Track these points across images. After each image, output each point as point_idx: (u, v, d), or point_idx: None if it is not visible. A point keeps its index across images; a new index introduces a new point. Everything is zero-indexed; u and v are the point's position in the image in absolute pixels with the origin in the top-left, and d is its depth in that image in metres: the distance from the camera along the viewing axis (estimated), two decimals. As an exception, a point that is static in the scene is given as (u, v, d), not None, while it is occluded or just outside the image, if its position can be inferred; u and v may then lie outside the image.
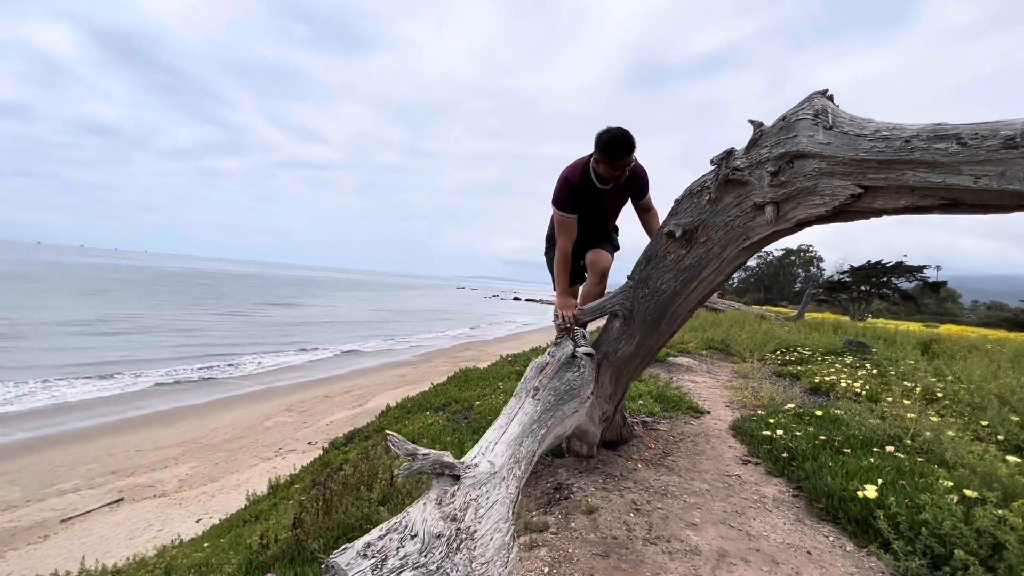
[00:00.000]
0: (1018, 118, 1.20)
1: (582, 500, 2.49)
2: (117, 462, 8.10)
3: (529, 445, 1.60)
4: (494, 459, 1.38)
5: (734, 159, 1.86)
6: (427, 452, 1.18)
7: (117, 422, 10.15)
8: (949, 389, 4.74)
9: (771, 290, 57.83)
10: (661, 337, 2.41)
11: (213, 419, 10.81)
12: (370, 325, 30.28)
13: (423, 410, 5.83)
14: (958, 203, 1.36)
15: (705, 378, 6.16)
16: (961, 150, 1.25)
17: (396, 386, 13.62)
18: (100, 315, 23.76)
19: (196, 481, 7.46)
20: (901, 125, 1.41)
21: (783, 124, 1.70)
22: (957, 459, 2.66)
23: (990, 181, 1.22)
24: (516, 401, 1.86)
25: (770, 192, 1.74)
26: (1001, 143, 1.19)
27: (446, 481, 1.21)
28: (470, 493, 1.19)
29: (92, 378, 12.76)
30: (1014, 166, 1.18)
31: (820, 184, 1.60)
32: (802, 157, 1.63)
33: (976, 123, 1.26)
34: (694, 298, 2.22)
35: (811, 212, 1.67)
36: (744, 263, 2.07)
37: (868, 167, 1.46)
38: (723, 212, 1.97)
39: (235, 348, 18.35)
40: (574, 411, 2.06)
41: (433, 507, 1.11)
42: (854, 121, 1.52)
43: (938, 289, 31.62)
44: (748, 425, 3.77)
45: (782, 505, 2.68)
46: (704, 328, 10.66)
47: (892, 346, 8.21)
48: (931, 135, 1.31)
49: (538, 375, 2.03)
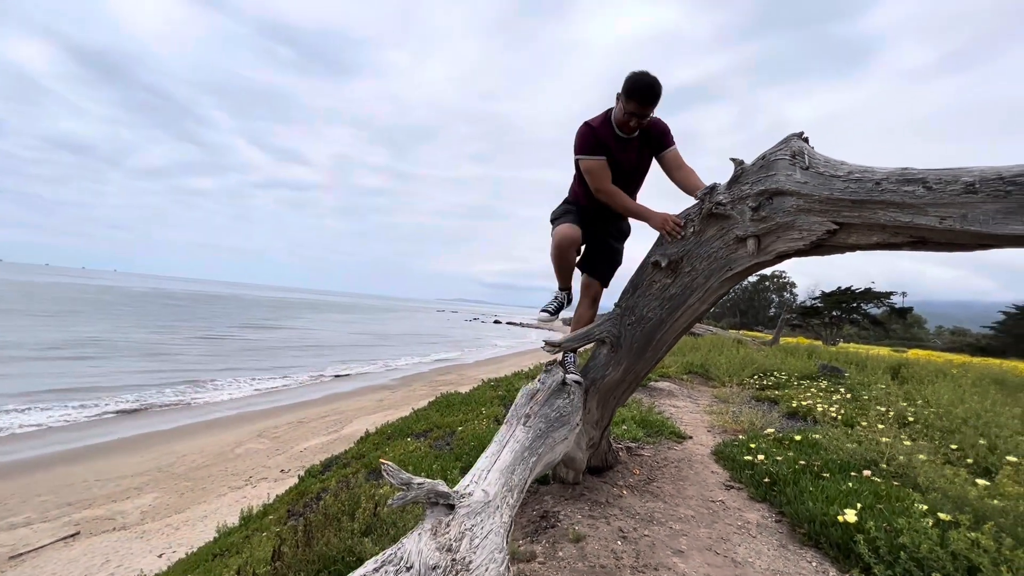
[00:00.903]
0: (976, 166, 1.30)
1: (569, 528, 2.47)
2: (74, 493, 7.65)
3: (521, 473, 1.60)
4: (488, 488, 1.37)
5: (717, 194, 1.95)
6: (422, 481, 1.18)
7: (76, 450, 9.63)
8: (920, 413, 4.89)
9: (747, 315, 59.08)
10: (647, 364, 2.45)
11: (180, 446, 10.36)
12: (348, 348, 29.71)
13: (403, 436, 5.72)
14: (926, 241, 1.45)
15: (686, 403, 6.22)
16: (927, 193, 1.35)
17: (374, 411, 13.31)
18: (62, 337, 22.78)
19: (160, 512, 7.08)
20: (872, 168, 1.51)
21: (763, 163, 1.80)
22: (929, 483, 2.74)
23: (954, 222, 1.32)
24: (507, 428, 1.86)
25: (751, 226, 1.83)
26: (962, 188, 1.29)
27: (440, 511, 1.20)
28: (465, 523, 1.19)
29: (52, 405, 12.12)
30: (974, 209, 1.28)
31: (798, 220, 1.69)
32: (781, 194, 1.73)
33: (940, 169, 1.36)
34: (679, 326, 2.27)
35: (790, 246, 1.75)
36: (727, 293, 2.14)
37: (842, 206, 1.56)
38: (707, 244, 2.05)
39: (205, 372, 17.76)
40: (564, 438, 2.06)
41: (428, 538, 1.10)
42: (829, 163, 1.62)
43: (905, 315, 32.81)
44: (730, 450, 3.81)
45: (765, 531, 2.71)
46: (684, 352, 10.80)
47: (864, 371, 8.45)
48: (899, 178, 1.41)
49: (529, 402, 2.04)
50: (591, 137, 2.50)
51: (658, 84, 2.30)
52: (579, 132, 2.55)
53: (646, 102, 2.32)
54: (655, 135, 2.56)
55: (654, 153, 2.61)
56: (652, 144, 2.58)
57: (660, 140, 2.57)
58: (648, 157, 2.64)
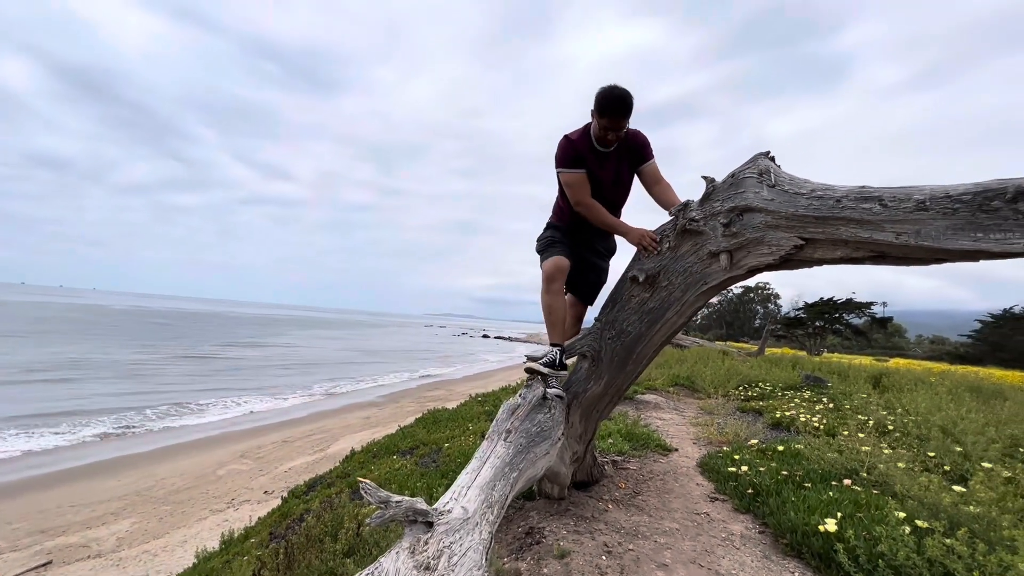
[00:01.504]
0: (927, 185, 1.38)
1: (554, 544, 2.47)
2: (47, 520, 7.38)
3: (502, 489, 1.60)
4: (467, 504, 1.38)
5: (690, 210, 2.01)
6: (400, 499, 1.18)
7: (50, 475, 9.31)
8: (899, 422, 4.98)
9: (732, 326, 59.73)
10: (628, 377, 2.48)
11: (159, 468, 10.07)
12: (334, 365, 29.32)
13: (389, 454, 5.66)
14: (885, 255, 1.51)
15: (672, 415, 6.26)
16: (883, 210, 1.41)
17: (361, 428, 13.11)
18: (37, 359, 22.14)
19: (137, 538, 6.86)
20: (833, 186, 1.58)
21: (732, 181, 1.87)
22: (905, 491, 2.79)
23: (908, 238, 1.38)
24: (488, 444, 1.86)
25: (724, 241, 1.89)
26: (914, 205, 1.36)
27: (419, 528, 1.20)
28: (443, 540, 1.19)
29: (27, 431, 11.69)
30: (927, 225, 1.35)
31: (767, 236, 1.76)
32: (750, 211, 1.79)
33: (894, 187, 1.43)
34: (658, 339, 2.31)
35: (761, 260, 1.81)
36: (703, 306, 2.19)
37: (807, 222, 1.62)
38: (682, 259, 2.10)
39: (187, 392, 17.38)
40: (545, 452, 2.07)
41: (406, 556, 1.10)
42: (793, 181, 1.69)
43: (885, 324, 33.44)
44: (714, 462, 3.84)
45: (749, 542, 2.72)
46: (670, 365, 10.87)
47: (846, 380, 8.58)
48: (858, 196, 1.48)
49: (510, 417, 2.05)
50: (570, 150, 2.52)
51: (628, 95, 2.33)
52: (559, 145, 2.57)
53: (619, 115, 2.35)
54: (634, 148, 2.57)
55: (634, 167, 2.63)
56: (632, 157, 2.59)
57: (640, 153, 2.58)
58: (628, 171, 2.64)
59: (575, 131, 2.58)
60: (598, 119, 2.39)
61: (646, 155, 2.59)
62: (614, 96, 2.32)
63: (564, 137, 2.57)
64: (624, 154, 2.58)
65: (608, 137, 2.43)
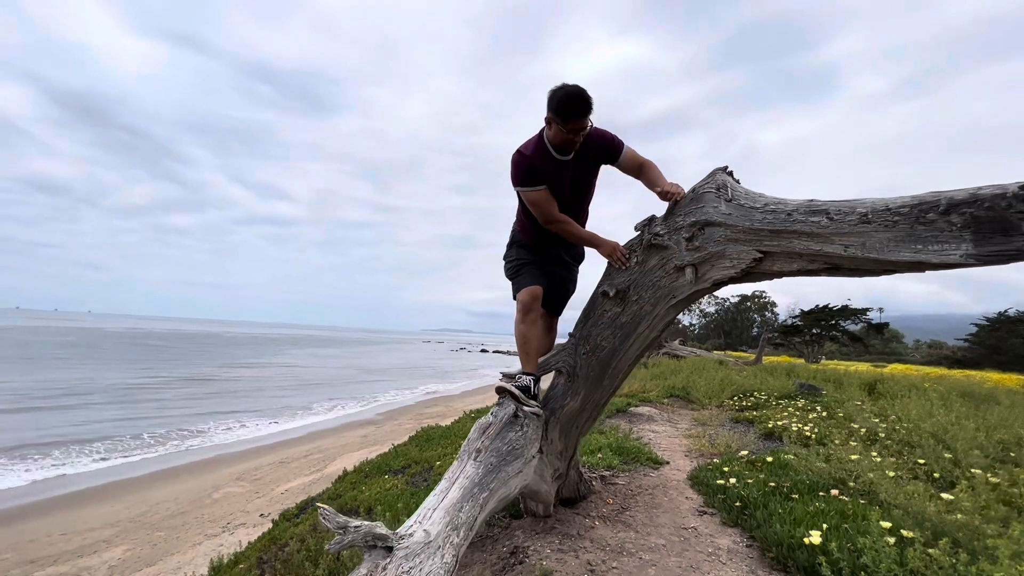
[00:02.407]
0: (870, 198, 1.40)
1: (537, 564, 2.44)
2: (37, 549, 7.24)
3: (470, 510, 1.59)
4: (430, 528, 1.37)
5: (655, 225, 2.04)
6: (359, 524, 1.17)
7: (40, 502, 9.16)
8: (890, 429, 4.96)
9: (731, 335, 59.70)
10: (605, 392, 2.48)
11: (154, 493, 9.93)
12: (332, 383, 29.11)
13: (381, 473, 5.61)
14: (838, 267, 1.54)
15: (665, 427, 6.23)
16: (830, 223, 1.44)
17: (359, 447, 12.96)
18: (27, 385, 21.92)
19: (130, 566, 6.72)
20: (785, 200, 1.61)
21: (693, 196, 1.89)
22: (890, 500, 2.77)
23: (855, 250, 1.41)
24: (458, 464, 1.85)
25: (688, 255, 1.91)
26: (858, 218, 1.39)
27: (378, 554, 1.19)
28: (402, 565, 1.18)
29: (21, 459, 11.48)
30: (870, 238, 1.37)
31: (728, 249, 1.78)
32: (711, 225, 1.82)
33: (840, 200, 1.46)
34: (632, 353, 2.32)
35: (724, 273, 1.83)
36: (674, 319, 2.21)
37: (763, 235, 1.65)
38: (650, 273, 2.12)
39: (182, 414, 17.20)
40: (518, 471, 2.06)
41: (362, 583, 1.09)
42: (749, 195, 1.72)
43: (882, 330, 33.52)
44: (704, 475, 3.82)
45: (736, 556, 2.70)
46: (665, 376, 10.84)
47: (841, 388, 8.57)
48: (807, 210, 1.50)
49: (480, 436, 2.04)
50: (525, 166, 2.37)
51: (583, 95, 2.17)
52: (513, 162, 2.40)
53: (582, 114, 2.20)
54: (596, 147, 2.40)
55: (607, 163, 2.48)
56: (596, 157, 2.44)
57: (607, 151, 2.42)
58: (588, 172, 2.49)
59: (528, 143, 2.40)
60: (560, 124, 2.22)
61: (615, 150, 2.42)
62: (574, 96, 2.16)
63: (517, 152, 2.39)
64: (583, 156, 2.41)
65: (576, 140, 2.28)
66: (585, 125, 2.24)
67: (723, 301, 64.36)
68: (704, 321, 65.90)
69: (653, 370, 12.68)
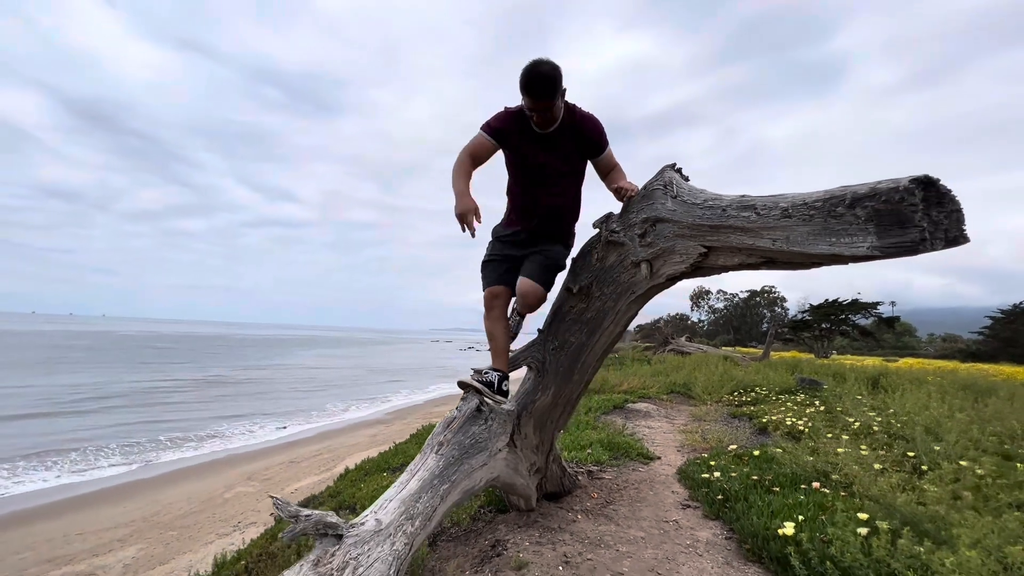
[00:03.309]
0: (790, 192, 1.44)
1: (514, 556, 2.50)
2: (54, 549, 7.42)
3: (428, 500, 1.65)
4: (383, 516, 1.43)
5: (611, 223, 2.08)
6: (309, 513, 1.24)
7: (56, 503, 9.39)
8: (885, 423, 4.95)
9: (740, 331, 59.23)
10: (576, 386, 2.53)
11: (166, 493, 10.12)
12: (342, 383, 29.38)
13: (380, 471, 5.70)
14: (774, 261, 1.58)
15: (662, 423, 6.25)
16: (758, 218, 1.48)
17: (368, 446, 13.08)
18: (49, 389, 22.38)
19: (143, 565, 6.87)
20: (720, 196, 1.65)
21: (644, 193, 1.94)
22: (863, 491, 2.79)
23: (782, 244, 1.45)
24: (420, 457, 1.92)
25: (642, 251, 1.96)
26: (780, 213, 1.42)
27: (328, 541, 1.25)
28: (350, 552, 1.24)
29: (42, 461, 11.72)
30: (793, 231, 1.41)
31: (677, 244, 1.83)
32: (661, 221, 1.87)
33: (765, 196, 1.50)
34: (599, 348, 2.37)
35: (675, 268, 1.88)
36: (636, 314, 2.25)
37: (704, 231, 1.69)
38: (611, 270, 2.18)
39: (194, 416, 17.47)
40: (483, 464, 2.12)
41: (308, 568, 1.16)
42: (692, 191, 1.76)
43: (892, 324, 33.08)
44: (691, 469, 3.85)
45: (714, 548, 2.74)
46: (667, 373, 10.84)
47: (842, 382, 8.52)
48: (739, 205, 1.54)
49: (444, 430, 2.11)
50: (493, 118, 2.36)
51: (551, 72, 2.08)
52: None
53: (538, 95, 2.12)
54: (587, 136, 2.34)
55: (589, 156, 2.42)
56: (582, 144, 2.37)
57: (593, 143, 2.36)
58: (568, 154, 2.39)
59: (517, 105, 2.34)
60: (523, 99, 2.17)
61: (601, 146, 2.36)
62: (536, 73, 2.08)
63: (504, 107, 2.39)
64: (575, 141, 2.36)
65: (535, 120, 2.23)
66: (544, 108, 2.17)
67: (732, 297, 63.88)
68: (713, 317, 65.46)
69: (656, 367, 12.67)
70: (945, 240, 1.19)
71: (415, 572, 2.39)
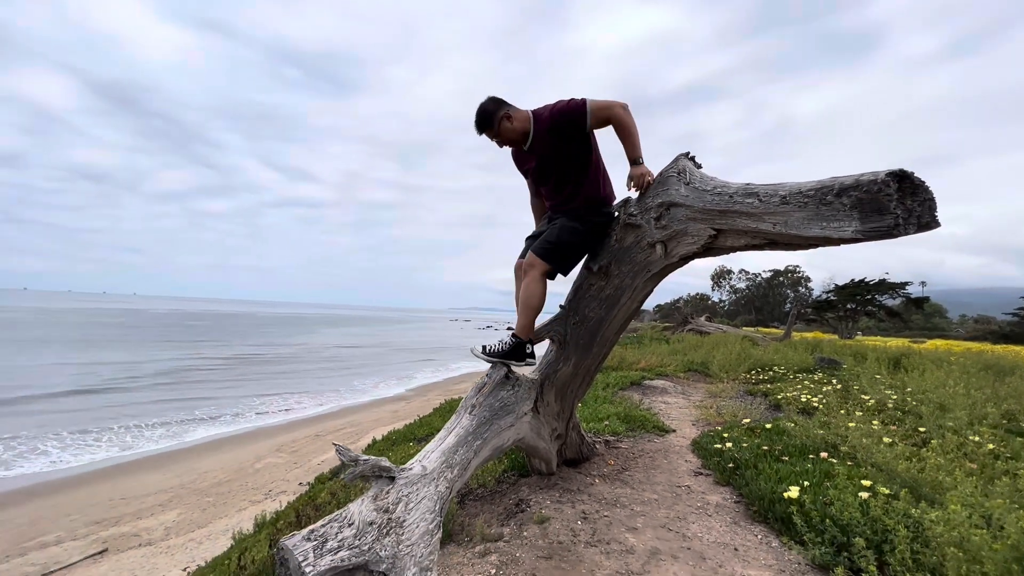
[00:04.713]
0: (788, 182, 1.57)
1: (536, 512, 2.73)
2: (101, 511, 7.98)
3: (464, 453, 1.87)
4: (427, 464, 1.65)
5: (629, 207, 2.23)
6: (367, 458, 1.45)
7: (101, 469, 10.04)
8: (900, 399, 5.03)
9: (762, 311, 58.46)
10: (595, 359, 2.72)
11: (201, 462, 10.71)
12: (363, 361, 30.18)
13: (407, 441, 6.02)
14: (776, 243, 1.71)
15: (678, 399, 6.42)
16: (760, 204, 1.61)
17: (390, 422, 13.55)
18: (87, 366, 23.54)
19: (183, 528, 7.35)
20: (727, 183, 1.78)
21: (660, 179, 2.08)
22: (866, 459, 2.93)
23: (782, 228, 1.58)
24: (456, 417, 2.13)
25: (657, 233, 2.10)
26: (779, 200, 1.56)
27: (383, 482, 1.47)
28: (402, 491, 1.46)
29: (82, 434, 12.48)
30: (790, 216, 1.54)
31: (689, 227, 1.97)
32: (675, 206, 2.01)
33: (766, 184, 1.63)
34: (617, 322, 2.54)
35: (688, 249, 2.03)
36: (652, 291, 2.41)
37: (714, 215, 1.83)
38: (628, 250, 2.33)
39: (226, 392, 18.26)
40: (510, 425, 2.33)
41: (369, 502, 1.38)
42: (703, 179, 1.89)
43: (921, 305, 32.28)
44: (704, 440, 4.03)
45: (722, 510, 2.93)
46: (685, 352, 10.94)
47: (862, 362, 8.52)
48: (744, 192, 1.68)
49: (476, 394, 2.32)
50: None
51: (480, 111, 2.48)
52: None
53: (478, 130, 2.51)
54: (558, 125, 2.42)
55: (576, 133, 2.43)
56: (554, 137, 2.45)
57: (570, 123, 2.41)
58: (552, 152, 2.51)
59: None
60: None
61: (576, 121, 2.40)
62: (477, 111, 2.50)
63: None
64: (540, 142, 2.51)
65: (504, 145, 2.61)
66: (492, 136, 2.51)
67: (754, 276, 62.86)
68: (734, 297, 64.63)
69: (675, 346, 12.77)
70: (918, 225, 1.35)
71: (446, 526, 2.65)
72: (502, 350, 2.55)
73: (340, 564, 1.19)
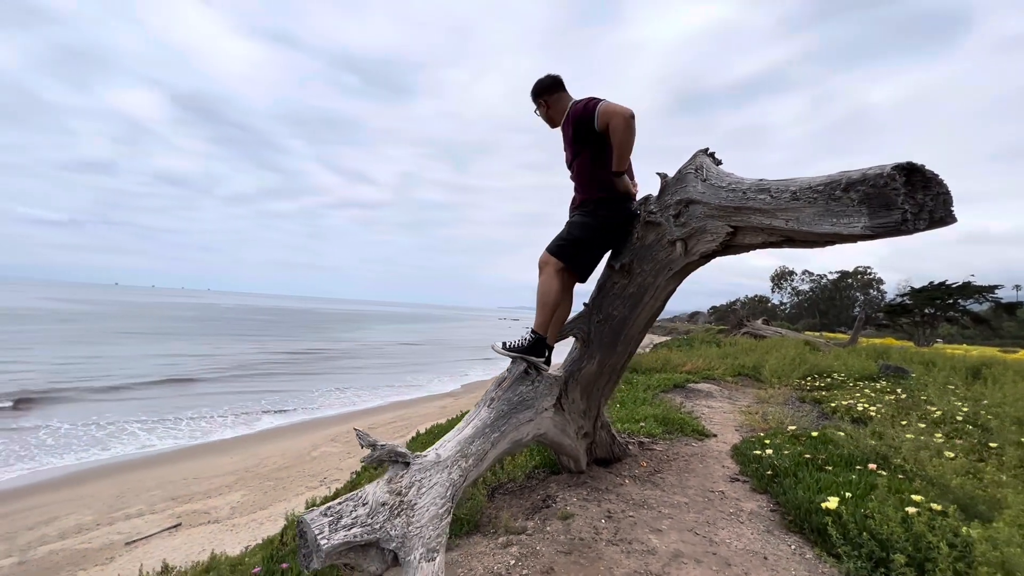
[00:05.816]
0: (799, 177, 1.51)
1: (562, 508, 2.76)
2: (176, 489, 8.74)
3: (480, 444, 1.93)
4: (442, 452, 1.73)
5: (649, 204, 2.21)
6: (384, 443, 1.55)
7: (177, 451, 10.99)
8: (972, 412, 4.62)
9: (827, 315, 54.87)
10: (620, 357, 2.70)
11: (263, 449, 11.45)
12: (417, 357, 31.08)
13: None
14: (792, 240, 1.65)
15: (723, 403, 6.20)
16: (772, 200, 1.56)
17: (438, 417, 13.91)
18: (167, 354, 25.68)
19: (247, 508, 7.92)
20: (742, 179, 1.73)
21: (678, 176, 2.05)
22: (918, 470, 2.73)
23: (794, 224, 1.53)
24: (475, 409, 2.20)
25: (677, 231, 2.08)
26: (790, 196, 1.50)
27: (399, 467, 1.57)
28: (416, 476, 1.55)
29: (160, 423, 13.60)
30: (801, 213, 1.49)
31: (707, 224, 1.93)
32: (693, 203, 1.98)
33: (778, 180, 1.57)
34: (641, 321, 2.52)
35: (707, 247, 1.99)
36: (675, 289, 2.37)
37: (730, 212, 1.78)
38: (650, 248, 2.31)
39: (289, 385, 19.36)
40: (529, 419, 2.37)
41: (384, 484, 1.47)
42: (719, 175, 1.85)
43: (1014, 311, 29.18)
44: (744, 446, 3.89)
45: (756, 518, 2.83)
46: (736, 355, 10.51)
47: (932, 371, 7.87)
48: (757, 188, 1.63)
49: (496, 388, 2.38)
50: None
51: (538, 82, 2.66)
52: None
53: (532, 94, 2.68)
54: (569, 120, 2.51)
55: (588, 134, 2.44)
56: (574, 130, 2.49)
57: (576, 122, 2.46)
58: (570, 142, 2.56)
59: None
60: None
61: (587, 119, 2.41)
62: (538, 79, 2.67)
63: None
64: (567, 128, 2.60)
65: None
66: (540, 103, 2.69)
67: (819, 278, 59.11)
68: (797, 300, 61.08)
69: (726, 349, 12.29)
70: (930, 220, 1.26)
71: (474, 517, 2.73)
72: (521, 345, 2.61)
73: (353, 540, 1.28)
